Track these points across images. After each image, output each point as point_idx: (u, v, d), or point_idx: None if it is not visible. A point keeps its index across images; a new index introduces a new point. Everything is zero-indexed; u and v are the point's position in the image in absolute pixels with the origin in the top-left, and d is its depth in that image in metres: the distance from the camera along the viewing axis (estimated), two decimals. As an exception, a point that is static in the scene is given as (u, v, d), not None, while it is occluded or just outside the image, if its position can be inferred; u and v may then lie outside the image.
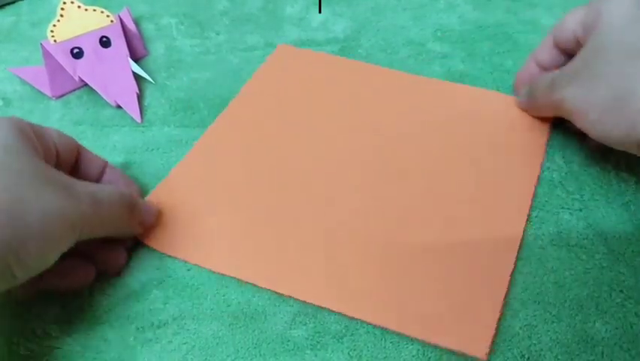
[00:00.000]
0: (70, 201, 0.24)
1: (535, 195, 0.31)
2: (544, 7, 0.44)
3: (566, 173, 0.33)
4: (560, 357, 0.26)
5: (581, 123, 0.29)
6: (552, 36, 0.33)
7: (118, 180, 0.30)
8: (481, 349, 0.26)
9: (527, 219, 0.30)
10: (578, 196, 0.32)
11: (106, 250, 0.28)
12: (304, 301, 0.27)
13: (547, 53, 0.34)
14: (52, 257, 0.23)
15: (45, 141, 0.26)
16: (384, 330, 0.26)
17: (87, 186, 0.26)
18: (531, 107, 0.35)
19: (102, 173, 0.30)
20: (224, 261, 0.29)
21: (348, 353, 0.26)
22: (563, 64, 0.32)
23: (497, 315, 0.27)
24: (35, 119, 0.37)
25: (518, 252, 0.29)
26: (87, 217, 0.24)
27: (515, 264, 0.28)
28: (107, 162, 0.30)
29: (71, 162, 0.28)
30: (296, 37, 0.42)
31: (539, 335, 0.26)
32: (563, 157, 0.33)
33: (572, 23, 0.31)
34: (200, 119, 0.36)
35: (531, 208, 0.31)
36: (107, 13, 0.39)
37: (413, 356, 0.26)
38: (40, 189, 0.23)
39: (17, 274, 0.22)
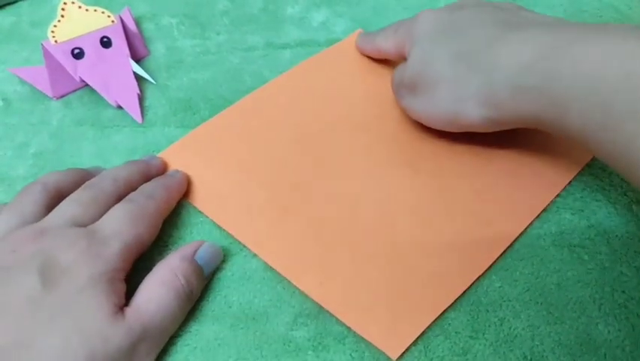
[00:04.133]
0: None
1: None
2: (544, 5, 0.44)
3: (567, 173, 0.33)
4: (562, 359, 0.26)
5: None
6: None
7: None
8: (394, 348, 0.26)
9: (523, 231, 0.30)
10: (579, 196, 0.31)
11: None
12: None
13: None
14: None
15: None
16: (386, 331, 0.26)
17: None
18: None
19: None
20: (224, 214, 0.31)
21: (350, 355, 0.26)
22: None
23: (429, 320, 0.26)
24: (36, 119, 0.37)
25: (502, 256, 0.29)
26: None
27: (493, 266, 0.28)
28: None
29: None
30: (296, 38, 0.42)
31: (541, 337, 0.26)
32: (565, 157, 0.33)
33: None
34: (200, 119, 0.36)
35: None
36: (107, 13, 0.39)
37: (415, 357, 0.26)
38: None
39: None
